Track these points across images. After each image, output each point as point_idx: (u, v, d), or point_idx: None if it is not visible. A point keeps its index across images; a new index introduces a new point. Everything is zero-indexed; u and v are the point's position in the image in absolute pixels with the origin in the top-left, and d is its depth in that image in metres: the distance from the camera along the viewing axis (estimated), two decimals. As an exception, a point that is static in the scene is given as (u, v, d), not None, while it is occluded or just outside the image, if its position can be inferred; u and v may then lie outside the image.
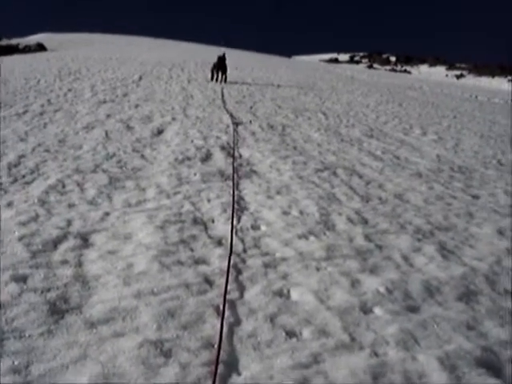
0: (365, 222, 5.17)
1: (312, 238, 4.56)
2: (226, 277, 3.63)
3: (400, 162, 8.41)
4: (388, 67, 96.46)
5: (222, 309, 3.21)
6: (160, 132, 9.11)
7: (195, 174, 6.42)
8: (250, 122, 10.89)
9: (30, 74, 17.07)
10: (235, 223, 4.81)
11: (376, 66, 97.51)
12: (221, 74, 19.08)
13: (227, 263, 3.86)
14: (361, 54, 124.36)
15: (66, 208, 4.91)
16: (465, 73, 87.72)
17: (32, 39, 49.09)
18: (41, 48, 40.21)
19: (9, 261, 3.64)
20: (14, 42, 40.68)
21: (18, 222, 4.39)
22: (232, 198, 5.47)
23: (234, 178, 6.31)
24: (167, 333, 2.93)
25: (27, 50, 38.22)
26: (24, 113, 10.00)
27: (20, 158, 6.57)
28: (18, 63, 21.87)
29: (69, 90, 13.89)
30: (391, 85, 30.69)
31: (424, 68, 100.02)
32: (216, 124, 10.27)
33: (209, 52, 34.64)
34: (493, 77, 78.34)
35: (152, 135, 8.77)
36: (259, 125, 10.60)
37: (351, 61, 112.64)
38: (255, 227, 4.79)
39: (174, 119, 10.49)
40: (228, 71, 19.42)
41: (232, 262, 3.94)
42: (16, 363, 2.57)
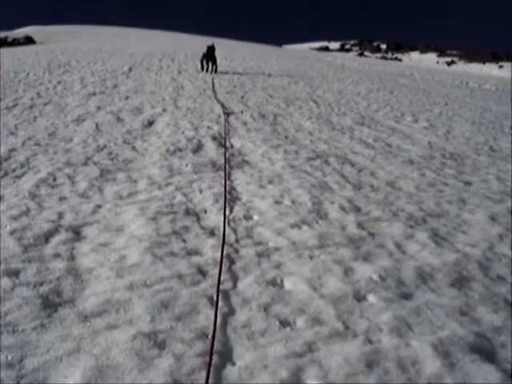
0: (357, 209, 5.17)
1: (305, 227, 4.56)
2: (219, 267, 3.62)
3: (392, 149, 8.42)
4: (379, 55, 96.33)
5: (216, 299, 3.20)
6: (151, 123, 9.07)
7: (187, 165, 6.40)
8: (242, 111, 10.86)
9: (19, 67, 16.94)
10: (227, 213, 4.80)
11: (367, 53, 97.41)
12: (211, 64, 19.00)
13: (220, 253, 3.85)
14: (351, 42, 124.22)
15: (57, 201, 4.89)
16: (456, 59, 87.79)
17: (20, 32, 48.59)
18: (29, 41, 39.80)
19: (0, 255, 3.62)
20: (2, 35, 40.25)
21: (9, 216, 4.37)
22: (224, 189, 5.46)
23: (225, 168, 6.29)
24: (161, 324, 2.93)
25: (16, 43, 37.85)
26: (13, 106, 9.93)
27: (10, 152, 6.53)
28: (6, 56, 21.65)
29: (58, 83, 13.80)
30: (382, 72, 30.65)
31: (415, 55, 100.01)
32: (207, 114, 10.23)
33: (198, 42, 34.45)
34: (483, 63, 78.47)
35: (143, 127, 8.73)
36: (250, 114, 10.58)
37: (342, 49, 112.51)
38: (247, 217, 4.79)
39: (164, 110, 10.45)
40: (218, 61, 19.34)
41: (225, 252, 3.94)
42: (9, 358, 2.56)
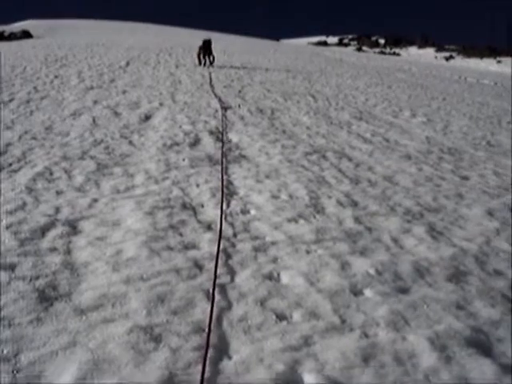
0: (354, 204, 5.17)
1: (302, 222, 4.56)
2: (216, 261, 3.62)
3: (389, 144, 8.41)
4: (377, 50, 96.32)
5: (212, 293, 3.20)
6: (148, 118, 9.04)
7: (184, 160, 6.38)
8: (239, 106, 10.83)
9: (16, 62, 16.86)
10: (224, 208, 4.80)
11: (365, 48, 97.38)
12: (208, 58, 18.95)
13: (217, 248, 3.85)
14: (350, 36, 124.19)
15: (53, 195, 4.88)
16: (454, 54, 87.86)
17: (17, 26, 48.41)
18: (27, 35, 39.66)
19: (-4, 249, 3.61)
20: (-1, 29, 40.12)
21: (5, 210, 4.36)
22: (221, 183, 5.45)
23: (222, 162, 6.28)
24: (157, 318, 2.93)
25: (13, 37, 37.68)
26: (10, 101, 9.89)
27: (7, 147, 6.51)
28: (3, 51, 21.54)
29: (55, 77, 13.74)
30: (380, 67, 30.62)
31: (413, 50, 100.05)
32: (204, 109, 10.20)
33: (196, 37, 34.34)
34: (481, 58, 78.49)
35: (140, 121, 8.70)
36: (248, 109, 10.55)
37: (340, 43, 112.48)
38: (244, 211, 4.78)
39: (161, 104, 10.42)
40: (215, 55, 19.29)
41: (222, 246, 3.93)
42: (5, 352, 2.55)
